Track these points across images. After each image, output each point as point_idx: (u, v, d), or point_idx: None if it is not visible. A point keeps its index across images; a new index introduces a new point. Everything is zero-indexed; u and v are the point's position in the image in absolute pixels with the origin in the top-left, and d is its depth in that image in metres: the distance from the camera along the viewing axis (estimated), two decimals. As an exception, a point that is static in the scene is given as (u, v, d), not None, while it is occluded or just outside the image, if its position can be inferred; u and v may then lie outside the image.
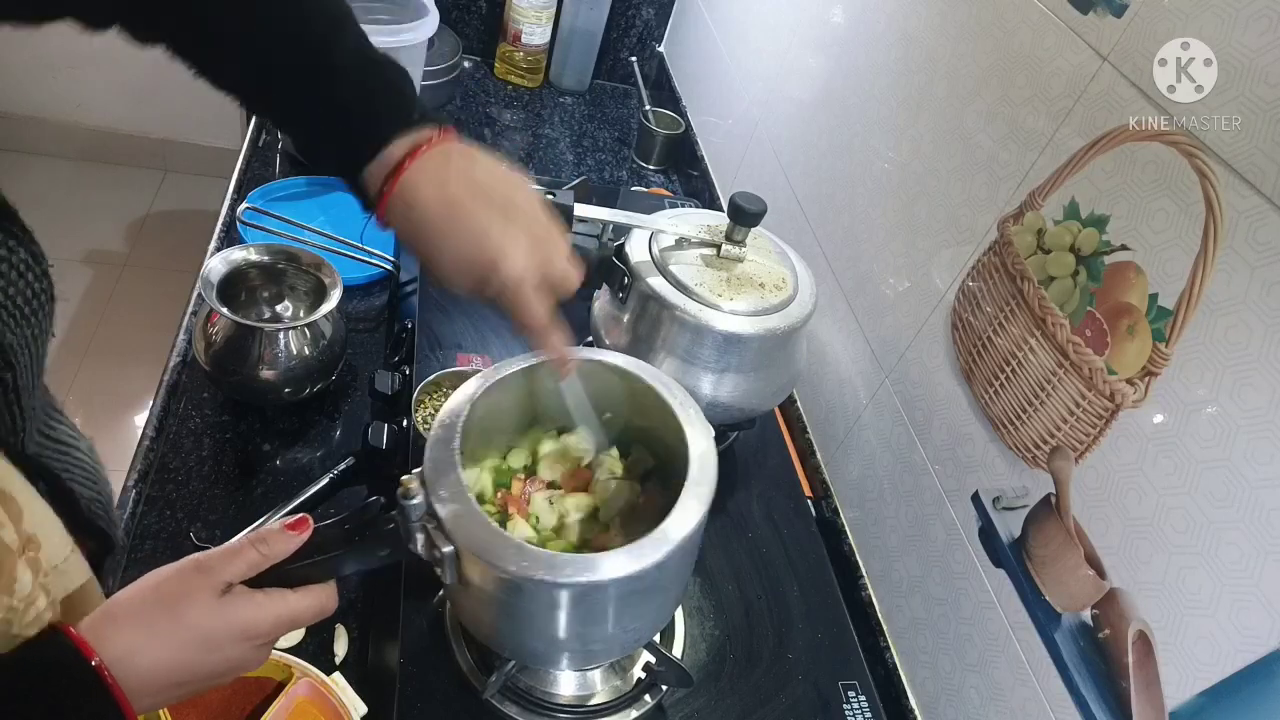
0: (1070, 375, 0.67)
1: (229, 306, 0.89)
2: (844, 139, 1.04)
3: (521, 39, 1.61)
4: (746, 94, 1.35)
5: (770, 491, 0.94)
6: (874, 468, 0.93)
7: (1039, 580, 0.69)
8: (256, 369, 0.89)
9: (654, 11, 1.71)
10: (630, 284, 0.83)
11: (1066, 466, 0.67)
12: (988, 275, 0.78)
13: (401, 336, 1.00)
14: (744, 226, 0.82)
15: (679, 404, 0.64)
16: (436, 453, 0.58)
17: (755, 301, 0.81)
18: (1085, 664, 0.64)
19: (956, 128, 0.84)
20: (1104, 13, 0.66)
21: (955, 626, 0.79)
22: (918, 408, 0.86)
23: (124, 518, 0.80)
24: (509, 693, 0.70)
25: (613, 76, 1.78)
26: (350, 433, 0.95)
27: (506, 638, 0.63)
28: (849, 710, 0.77)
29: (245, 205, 1.11)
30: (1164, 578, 0.58)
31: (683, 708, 0.74)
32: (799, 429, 1.08)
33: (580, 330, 0.94)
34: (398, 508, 0.55)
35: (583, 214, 0.82)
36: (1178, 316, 0.58)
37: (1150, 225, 0.61)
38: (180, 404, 0.92)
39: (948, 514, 0.80)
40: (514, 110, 1.62)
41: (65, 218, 2.53)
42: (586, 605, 0.58)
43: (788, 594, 0.85)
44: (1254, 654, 0.52)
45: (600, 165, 1.55)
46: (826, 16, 1.11)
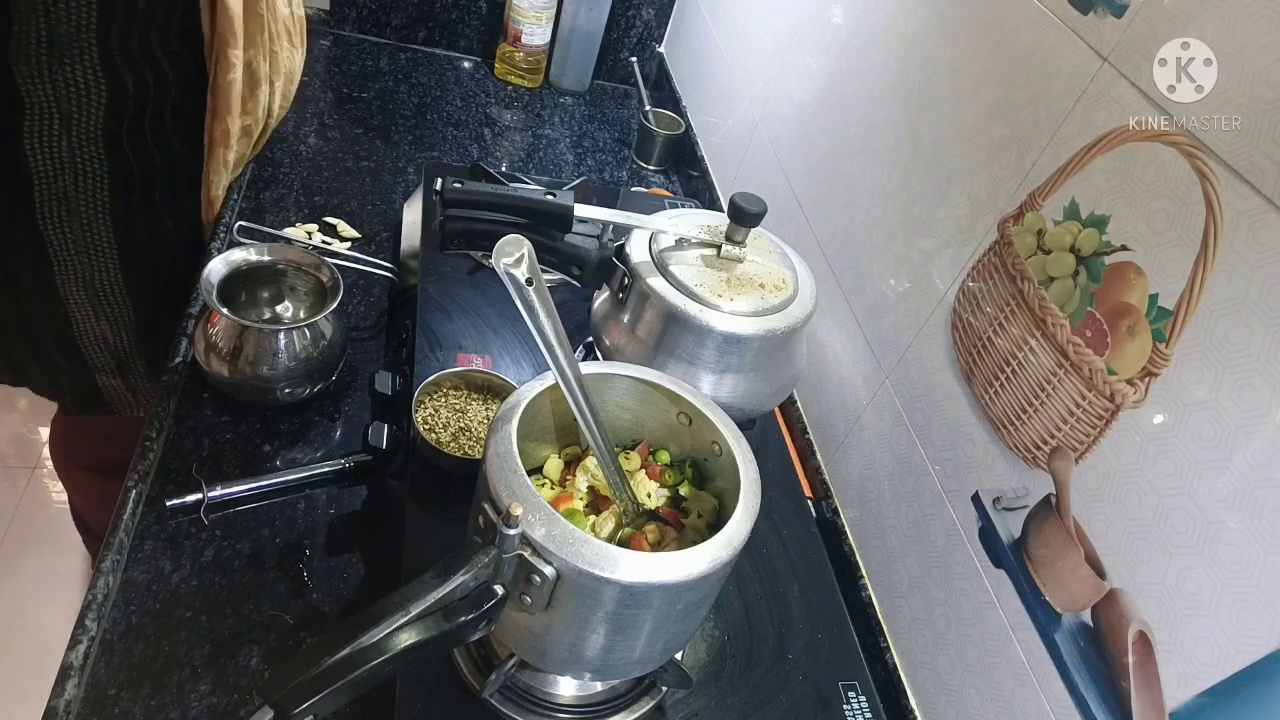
0: (1070, 376, 0.67)
1: (229, 306, 0.89)
2: (844, 139, 1.04)
3: (521, 39, 1.61)
4: (746, 94, 1.35)
5: (770, 492, 0.94)
6: (874, 468, 0.93)
7: (1039, 580, 0.69)
8: (256, 369, 0.89)
9: (654, 12, 1.72)
10: (630, 284, 0.83)
11: (1066, 467, 0.67)
12: (988, 276, 0.78)
13: (402, 337, 1.01)
14: (744, 227, 0.82)
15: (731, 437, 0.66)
16: (505, 479, 0.56)
17: (755, 302, 0.81)
18: (1085, 664, 0.64)
19: (956, 128, 0.84)
20: (1104, 13, 0.66)
21: (955, 627, 0.79)
22: (918, 408, 0.86)
23: (124, 518, 0.80)
24: (508, 692, 0.70)
25: (613, 77, 1.78)
26: (350, 433, 0.95)
27: (589, 654, 0.61)
28: (849, 710, 0.77)
29: (239, 223, 1.11)
30: (1164, 578, 0.58)
31: (682, 708, 0.74)
32: (799, 429, 1.08)
33: (580, 330, 0.94)
34: (494, 539, 0.53)
35: (583, 214, 0.82)
36: (1178, 317, 0.58)
37: (1150, 225, 0.61)
38: (180, 404, 0.92)
39: (948, 514, 0.80)
40: (514, 110, 1.62)
41: (65, 218, 2.53)
42: (683, 603, 0.59)
43: (788, 594, 0.85)
44: (1254, 654, 0.52)
45: (600, 166, 1.55)
46: (826, 16, 1.11)
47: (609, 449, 0.65)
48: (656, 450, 0.72)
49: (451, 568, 0.53)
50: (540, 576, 0.54)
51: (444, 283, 1.04)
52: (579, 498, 0.68)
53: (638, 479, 0.69)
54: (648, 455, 0.71)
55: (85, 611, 0.73)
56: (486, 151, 1.48)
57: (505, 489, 0.56)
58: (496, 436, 0.59)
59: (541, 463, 0.71)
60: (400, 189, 1.31)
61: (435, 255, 1.07)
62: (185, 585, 0.77)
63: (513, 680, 0.70)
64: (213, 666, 0.73)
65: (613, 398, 0.70)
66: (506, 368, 0.95)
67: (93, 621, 0.73)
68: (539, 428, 0.69)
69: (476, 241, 0.81)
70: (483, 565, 0.53)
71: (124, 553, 0.78)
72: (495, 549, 0.53)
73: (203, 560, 0.80)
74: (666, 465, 0.71)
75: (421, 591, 0.52)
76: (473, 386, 0.91)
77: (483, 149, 1.48)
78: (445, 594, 0.52)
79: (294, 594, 0.79)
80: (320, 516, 0.86)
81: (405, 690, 0.68)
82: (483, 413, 0.89)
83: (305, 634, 0.77)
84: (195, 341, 0.91)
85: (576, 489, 0.68)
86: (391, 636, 0.50)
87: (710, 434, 0.67)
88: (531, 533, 0.53)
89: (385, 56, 1.63)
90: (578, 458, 0.71)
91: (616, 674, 0.68)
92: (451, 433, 0.86)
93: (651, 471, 0.69)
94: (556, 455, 0.71)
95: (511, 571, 0.55)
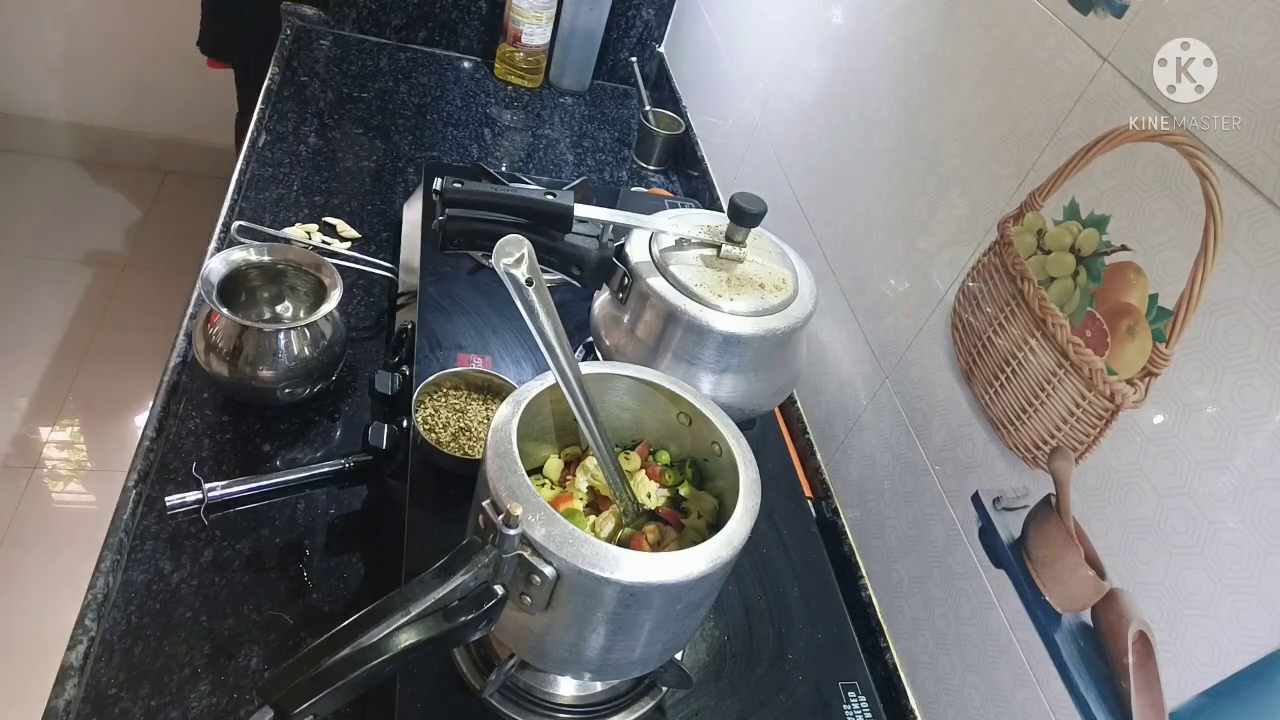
0: (1070, 376, 0.67)
1: (229, 306, 0.89)
2: (844, 139, 1.04)
3: (521, 39, 1.61)
4: (746, 94, 1.35)
5: (770, 492, 0.93)
6: (874, 468, 0.93)
7: (1039, 581, 0.69)
8: (256, 369, 0.89)
9: (654, 12, 1.72)
10: (630, 284, 0.83)
11: (1066, 467, 0.67)
12: (988, 276, 0.78)
13: (401, 337, 1.00)
14: (744, 227, 0.82)
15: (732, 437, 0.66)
16: (505, 479, 0.56)
17: (755, 302, 0.81)
18: (1085, 664, 0.64)
19: (957, 128, 0.84)
20: (1104, 13, 0.66)
21: (955, 627, 0.79)
22: (918, 408, 0.86)
23: (124, 518, 0.80)
24: (508, 692, 0.70)
25: (613, 77, 1.78)
26: (350, 433, 0.95)
27: (589, 654, 0.61)
28: (849, 710, 0.77)
29: (238, 222, 1.11)
30: (1164, 578, 0.58)
31: (682, 708, 0.74)
32: (799, 429, 1.08)
33: (580, 330, 0.94)
34: (495, 539, 0.52)
35: (583, 214, 0.82)
36: (1178, 317, 0.58)
37: (1150, 225, 0.61)
38: (180, 404, 0.92)
39: (948, 514, 0.80)
40: (514, 111, 1.62)
41: (65, 218, 2.53)
42: (683, 603, 0.59)
43: (788, 594, 0.85)
44: (1254, 654, 0.52)
45: (600, 166, 1.55)
46: (826, 17, 1.11)
47: (609, 449, 0.65)
48: (656, 450, 0.72)
49: (451, 568, 0.53)
50: (540, 576, 0.54)
51: (444, 283, 1.04)
52: (579, 498, 0.68)
53: (638, 479, 0.69)
54: (648, 455, 0.71)
55: (85, 611, 0.73)
56: (486, 151, 1.48)
57: (505, 489, 0.56)
58: (496, 436, 0.59)
59: (541, 463, 0.71)
60: (400, 189, 1.31)
61: (435, 255, 1.07)
62: (185, 585, 0.77)
63: (513, 680, 0.70)
64: (213, 666, 0.73)
65: (613, 398, 0.70)
66: (506, 368, 0.95)
67: (93, 621, 0.73)
68: (539, 428, 0.69)
69: (476, 241, 0.81)
70: (483, 565, 0.53)
71: (124, 553, 0.78)
72: (495, 549, 0.53)
73: (203, 560, 0.80)
74: (666, 465, 0.71)
75: (421, 591, 0.52)
76: (473, 386, 0.91)
77: (483, 149, 1.48)
78: (445, 594, 0.52)
79: (294, 594, 0.79)
80: (320, 516, 0.86)
81: (405, 690, 0.68)
82: (483, 413, 0.89)
83: (305, 634, 0.77)
84: (195, 341, 0.91)
85: (576, 489, 0.68)
86: (391, 636, 0.50)
87: (710, 434, 0.67)
88: (531, 533, 0.53)
89: (385, 56, 1.63)
90: (578, 458, 0.71)
91: (616, 674, 0.68)
92: (451, 433, 0.86)
93: (651, 471, 0.69)
94: (556, 455, 0.71)
95: (511, 571, 0.55)
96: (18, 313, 2.26)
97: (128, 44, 2.47)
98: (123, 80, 2.54)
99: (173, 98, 2.57)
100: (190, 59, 2.04)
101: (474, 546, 0.54)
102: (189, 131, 2.68)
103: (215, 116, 2.58)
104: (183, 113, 2.62)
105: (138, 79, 2.53)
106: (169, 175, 2.75)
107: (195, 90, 2.55)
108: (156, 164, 2.74)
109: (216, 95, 2.45)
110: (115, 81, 2.54)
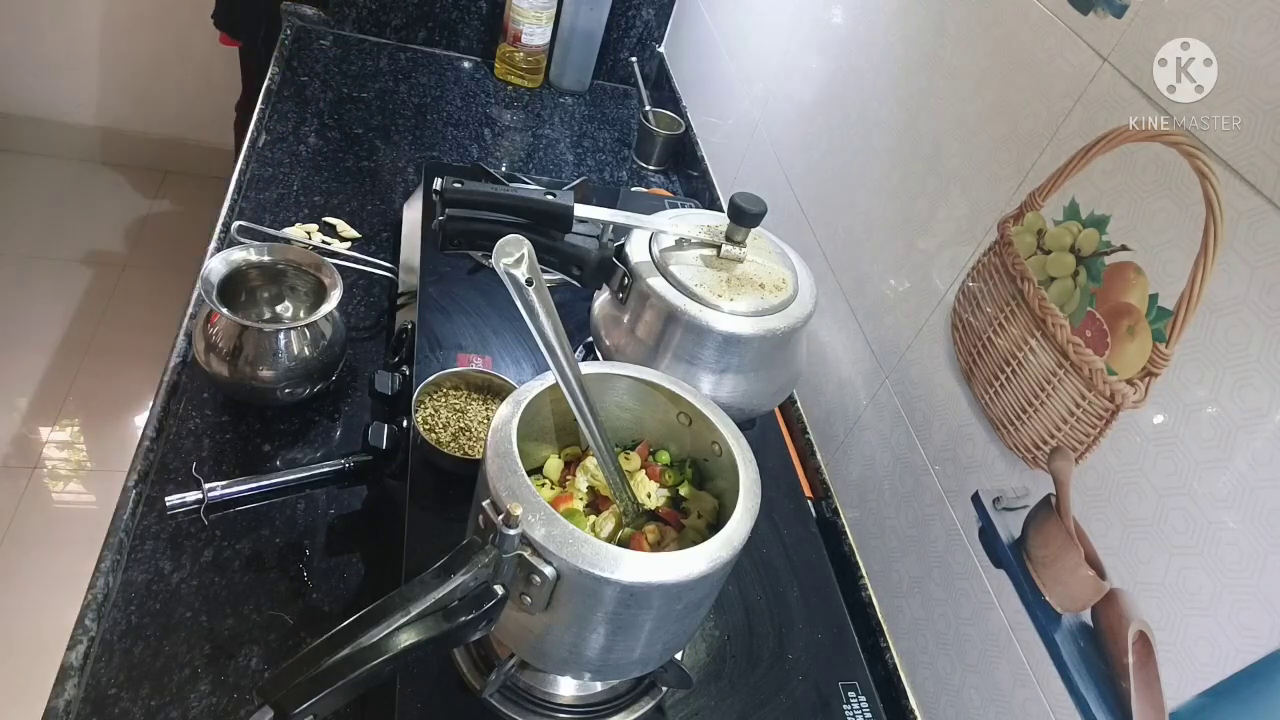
0: (1070, 376, 0.67)
1: (229, 306, 0.89)
2: (844, 139, 1.04)
3: (521, 39, 1.61)
4: (746, 94, 1.35)
5: (770, 492, 0.94)
6: (874, 468, 0.93)
7: (1039, 581, 0.69)
8: (256, 369, 0.88)
9: (654, 12, 1.72)
10: (630, 284, 0.83)
11: (1066, 467, 0.67)
12: (988, 276, 0.78)
13: (401, 337, 1.00)
14: (744, 227, 0.82)
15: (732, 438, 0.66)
16: (505, 479, 0.56)
17: (755, 302, 0.81)
18: (1085, 664, 0.64)
19: (956, 128, 0.84)
20: (1104, 13, 0.66)
21: (955, 627, 0.79)
22: (918, 408, 0.86)
23: (124, 518, 0.80)
24: (508, 692, 0.70)
25: (613, 77, 1.78)
26: (350, 433, 0.95)
27: (589, 654, 0.61)
28: (849, 710, 0.77)
29: (238, 222, 1.11)
30: (1164, 578, 0.58)
31: (682, 708, 0.74)
32: (799, 429, 1.08)
33: (580, 330, 0.94)
34: (495, 539, 0.52)
35: (583, 214, 0.82)
36: (1178, 317, 0.58)
37: (1150, 225, 0.61)
38: (180, 404, 0.92)
39: (948, 514, 0.80)
40: (514, 111, 1.62)
41: (65, 218, 2.53)
42: (682, 603, 0.59)
43: (788, 594, 0.85)
44: (1254, 654, 0.52)
45: (600, 166, 1.55)
46: (826, 17, 1.11)
47: (609, 449, 0.65)
48: (656, 450, 0.72)
49: (451, 568, 0.53)
50: (540, 576, 0.54)
51: (444, 283, 1.04)
52: (579, 498, 0.68)
53: (638, 479, 0.69)
54: (648, 455, 0.71)
55: (85, 611, 0.73)
56: (486, 151, 1.48)
57: (505, 489, 0.56)
58: (496, 436, 0.59)
59: (541, 463, 0.71)
60: (400, 189, 1.31)
61: (435, 255, 1.07)
62: (185, 585, 0.77)
63: (513, 680, 0.70)
64: (213, 666, 0.73)
65: (613, 398, 0.70)
66: (506, 368, 0.95)
67: (92, 621, 0.73)
68: (539, 428, 0.69)
69: (476, 241, 0.81)
70: (483, 565, 0.53)
71: (124, 553, 0.78)
72: (495, 549, 0.53)
73: (203, 560, 0.80)
74: (666, 465, 0.71)
75: (421, 591, 0.52)
76: (473, 386, 0.91)
77: (483, 149, 1.48)
78: (445, 594, 0.52)
79: (294, 594, 0.79)
80: (320, 516, 0.86)
81: (405, 690, 0.68)
82: (483, 413, 0.89)
83: (305, 634, 0.77)
84: (195, 341, 0.91)
85: (576, 489, 0.68)
86: (391, 636, 0.50)
87: (710, 434, 0.67)
88: (531, 533, 0.53)
89: (385, 56, 1.63)
90: (578, 458, 0.70)
91: (616, 674, 0.68)
92: (451, 433, 0.86)
93: (651, 471, 0.69)
94: (556, 455, 0.71)
95: (511, 571, 0.55)
96: (18, 313, 2.26)
97: (128, 44, 2.48)
98: (123, 80, 2.54)
99: (173, 98, 2.57)
100: (191, 59, 2.04)
101: (474, 546, 0.54)
102: (189, 131, 2.68)
103: (215, 116, 2.58)
104: (183, 113, 2.62)
105: (138, 79, 2.53)
106: (169, 175, 2.75)
107: (195, 90, 2.56)
108: (156, 164, 2.74)
109: (216, 95, 2.46)
110: (115, 81, 2.54)
